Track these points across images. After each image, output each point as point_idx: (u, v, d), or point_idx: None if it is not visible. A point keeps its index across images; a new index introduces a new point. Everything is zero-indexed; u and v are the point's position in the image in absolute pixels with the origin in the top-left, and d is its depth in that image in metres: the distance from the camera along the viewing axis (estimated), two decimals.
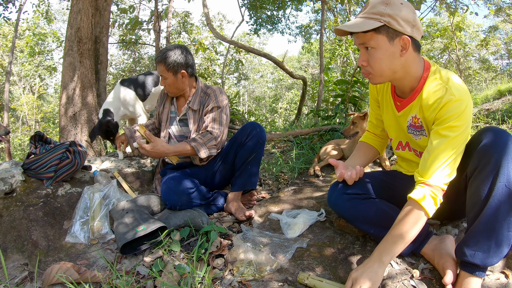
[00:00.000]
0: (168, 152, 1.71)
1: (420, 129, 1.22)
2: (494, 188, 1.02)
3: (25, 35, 13.08)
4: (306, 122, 5.54)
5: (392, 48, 1.08)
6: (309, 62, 21.67)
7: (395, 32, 1.07)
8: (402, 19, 1.06)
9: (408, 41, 1.08)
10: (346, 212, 1.35)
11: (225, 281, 1.23)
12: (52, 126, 12.90)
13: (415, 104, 1.19)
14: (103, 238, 1.58)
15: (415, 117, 1.20)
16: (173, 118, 1.96)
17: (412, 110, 1.21)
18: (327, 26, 9.54)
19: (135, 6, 7.60)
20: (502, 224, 1.02)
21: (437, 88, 1.11)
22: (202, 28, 12.12)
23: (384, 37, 1.07)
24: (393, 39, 1.07)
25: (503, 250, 1.04)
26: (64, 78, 3.31)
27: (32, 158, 1.69)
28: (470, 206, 1.09)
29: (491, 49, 15.96)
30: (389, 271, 1.22)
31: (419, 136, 1.24)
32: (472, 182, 1.08)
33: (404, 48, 1.09)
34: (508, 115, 3.93)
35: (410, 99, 1.20)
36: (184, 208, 1.71)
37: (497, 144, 1.03)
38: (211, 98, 1.88)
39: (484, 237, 1.04)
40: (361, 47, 1.13)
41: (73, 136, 3.23)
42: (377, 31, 1.07)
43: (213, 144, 1.80)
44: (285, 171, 2.59)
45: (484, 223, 1.03)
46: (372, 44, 1.09)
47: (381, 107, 1.41)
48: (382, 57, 1.09)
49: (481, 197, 1.04)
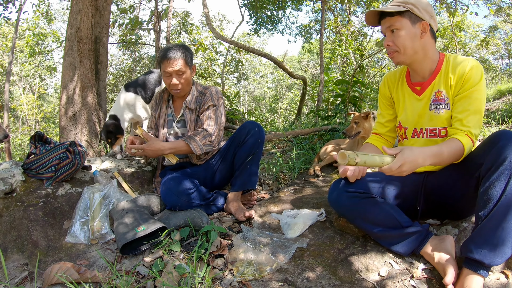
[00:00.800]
0: (163, 149, 1.72)
1: (443, 102, 1.31)
2: (507, 188, 1.03)
3: (25, 35, 13.07)
4: (306, 122, 5.54)
5: (414, 29, 1.27)
6: (309, 62, 21.67)
7: (417, 17, 1.26)
8: (422, 8, 1.26)
9: (427, 25, 1.27)
10: (346, 210, 1.36)
11: (225, 281, 1.23)
12: (52, 126, 12.89)
13: (436, 82, 1.33)
14: (103, 238, 1.58)
15: (438, 91, 1.33)
16: (170, 121, 1.96)
17: (435, 87, 1.34)
18: (327, 26, 9.54)
19: (135, 6, 7.60)
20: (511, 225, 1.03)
21: (457, 59, 1.29)
22: (202, 28, 12.10)
23: (407, 20, 1.27)
24: (415, 23, 1.27)
25: (507, 251, 1.04)
26: (64, 78, 3.31)
27: (32, 158, 1.69)
28: (481, 205, 1.09)
29: (491, 49, 15.96)
30: (389, 271, 1.22)
31: (441, 110, 1.31)
32: (485, 181, 1.10)
33: (424, 31, 1.27)
34: (508, 115, 3.93)
35: (431, 80, 1.35)
36: (184, 208, 1.71)
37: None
38: (207, 98, 1.89)
39: (492, 236, 1.04)
40: (388, 30, 1.31)
41: (73, 136, 3.23)
42: (402, 15, 1.26)
43: (209, 140, 1.81)
44: (285, 171, 2.60)
45: (494, 221, 1.04)
46: (398, 25, 1.27)
47: (396, 102, 1.48)
48: (406, 36, 1.27)
49: (493, 196, 1.06)
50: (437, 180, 1.35)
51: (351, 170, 1.33)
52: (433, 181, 1.36)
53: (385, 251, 1.33)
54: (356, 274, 1.24)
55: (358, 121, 2.26)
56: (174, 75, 1.78)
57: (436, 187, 1.34)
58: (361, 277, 1.22)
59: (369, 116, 2.25)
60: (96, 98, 3.48)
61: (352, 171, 1.33)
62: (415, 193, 1.39)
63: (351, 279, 1.22)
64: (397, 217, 1.28)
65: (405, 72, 1.46)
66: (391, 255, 1.31)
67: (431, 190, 1.36)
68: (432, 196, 1.36)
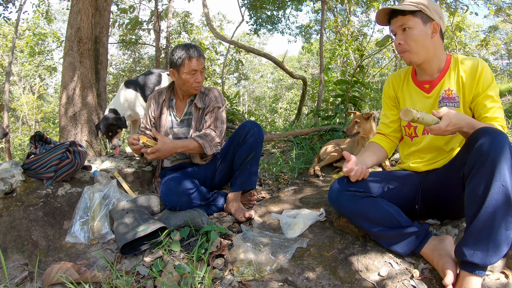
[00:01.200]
0: (177, 147, 1.73)
1: (453, 100, 1.35)
2: (491, 188, 1.03)
3: (25, 35, 13.07)
4: (306, 122, 5.54)
5: (425, 29, 1.30)
6: (309, 62, 21.67)
7: (428, 17, 1.29)
8: (433, 9, 1.30)
9: (437, 26, 1.30)
10: (346, 209, 1.36)
11: (225, 281, 1.23)
12: (52, 126, 12.89)
13: (446, 80, 1.36)
14: (103, 238, 1.58)
15: (448, 89, 1.36)
16: (173, 121, 1.96)
17: (444, 85, 1.36)
18: (327, 26, 9.54)
19: (135, 6, 7.60)
20: (500, 223, 1.02)
21: (465, 59, 1.34)
22: (202, 28, 12.10)
23: (419, 20, 1.29)
24: (426, 23, 1.30)
25: (502, 249, 1.04)
26: (64, 78, 3.31)
27: (32, 158, 1.69)
28: (468, 206, 1.10)
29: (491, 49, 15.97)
30: (389, 271, 1.22)
31: (452, 108, 1.33)
32: (469, 182, 1.10)
33: (434, 31, 1.31)
34: (508, 115, 3.93)
35: (440, 77, 1.37)
36: (184, 208, 1.71)
37: (492, 144, 1.05)
38: (211, 99, 1.92)
39: (482, 236, 1.04)
40: (399, 29, 1.33)
41: (73, 136, 3.23)
42: (414, 14, 1.29)
43: (217, 141, 1.85)
44: (285, 171, 2.60)
45: (482, 222, 1.04)
46: (410, 24, 1.29)
47: (402, 101, 1.50)
48: (418, 35, 1.29)
49: (478, 197, 1.05)
50: (434, 180, 1.35)
51: (354, 170, 1.33)
52: (430, 182, 1.37)
53: (385, 251, 1.33)
54: (356, 274, 1.24)
55: (359, 121, 2.25)
56: (199, 72, 1.82)
57: (433, 187, 1.35)
58: (361, 277, 1.22)
59: (370, 117, 2.25)
60: (96, 98, 3.48)
61: (355, 171, 1.33)
62: (414, 193, 1.40)
63: (351, 279, 1.22)
64: (396, 217, 1.28)
65: (410, 72, 1.48)
66: (391, 255, 1.31)
67: (428, 191, 1.36)
68: (429, 196, 1.36)
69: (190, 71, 1.79)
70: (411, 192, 1.40)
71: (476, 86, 1.30)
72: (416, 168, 1.44)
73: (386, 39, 3.11)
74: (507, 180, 1.02)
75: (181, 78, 1.82)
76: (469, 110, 1.35)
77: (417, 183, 1.40)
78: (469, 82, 1.31)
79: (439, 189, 1.32)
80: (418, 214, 1.41)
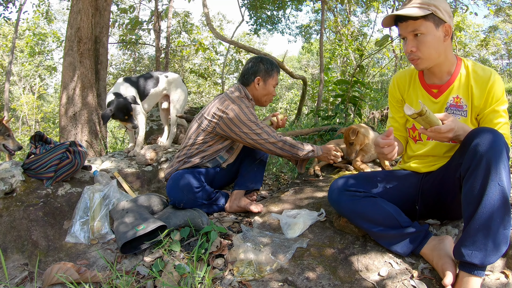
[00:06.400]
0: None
1: (461, 109, 1.30)
2: (487, 187, 1.03)
3: (25, 35, 13.06)
4: (306, 122, 5.54)
5: (438, 33, 1.20)
6: (309, 62, 21.67)
7: (439, 20, 1.19)
8: (443, 9, 1.20)
9: (450, 28, 1.21)
10: (346, 209, 1.36)
11: (225, 281, 1.23)
12: (52, 126, 12.88)
13: (455, 86, 1.30)
14: (103, 238, 1.58)
15: (457, 97, 1.30)
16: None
17: (453, 92, 1.30)
18: (327, 26, 9.54)
19: (135, 6, 7.61)
20: (498, 223, 1.02)
21: (477, 68, 1.27)
22: (202, 28, 12.09)
23: (431, 23, 1.19)
24: (438, 26, 1.20)
25: (501, 249, 1.04)
26: (64, 78, 3.31)
27: (32, 158, 1.69)
28: (465, 206, 1.09)
29: (491, 49, 15.97)
30: (389, 271, 1.22)
31: (458, 116, 1.30)
32: (465, 182, 1.09)
33: (447, 34, 1.22)
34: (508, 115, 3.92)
35: (450, 82, 1.31)
36: (188, 206, 1.73)
37: (487, 144, 1.04)
38: None
39: (480, 236, 1.04)
40: (410, 34, 1.22)
41: (73, 136, 3.23)
42: (426, 18, 1.18)
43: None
44: (285, 171, 2.60)
45: (479, 222, 1.04)
46: (423, 29, 1.19)
47: (409, 103, 1.42)
48: (432, 41, 1.20)
49: (475, 197, 1.05)
50: (433, 181, 1.35)
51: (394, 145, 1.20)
52: (429, 182, 1.37)
53: (385, 251, 1.33)
54: (356, 274, 1.24)
55: (353, 142, 2.18)
56: (275, 85, 1.89)
57: (432, 187, 1.35)
58: (361, 277, 1.22)
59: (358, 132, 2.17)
60: (96, 98, 3.48)
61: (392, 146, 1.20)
62: (414, 194, 1.40)
63: (351, 279, 1.22)
64: (396, 217, 1.28)
65: (417, 73, 1.41)
66: (391, 255, 1.31)
67: (428, 191, 1.36)
68: (429, 196, 1.36)
69: (275, 84, 1.87)
70: (411, 192, 1.40)
71: (485, 98, 1.24)
72: (416, 169, 1.44)
73: (385, 38, 3.10)
74: (504, 179, 1.02)
75: (266, 88, 1.87)
76: (475, 120, 1.31)
77: (417, 183, 1.40)
78: (478, 93, 1.25)
79: (438, 189, 1.32)
80: (418, 214, 1.41)
